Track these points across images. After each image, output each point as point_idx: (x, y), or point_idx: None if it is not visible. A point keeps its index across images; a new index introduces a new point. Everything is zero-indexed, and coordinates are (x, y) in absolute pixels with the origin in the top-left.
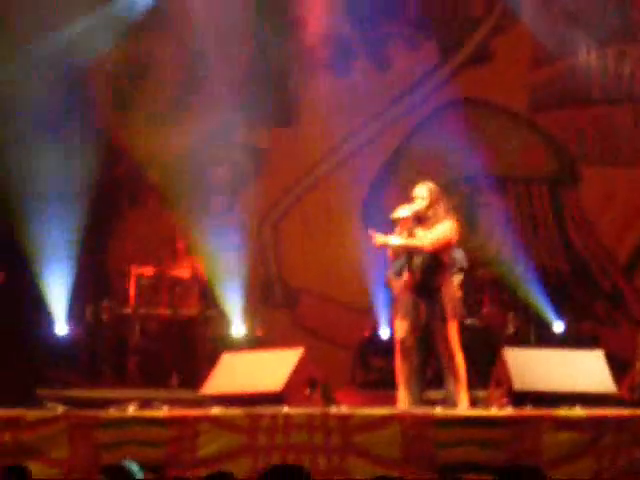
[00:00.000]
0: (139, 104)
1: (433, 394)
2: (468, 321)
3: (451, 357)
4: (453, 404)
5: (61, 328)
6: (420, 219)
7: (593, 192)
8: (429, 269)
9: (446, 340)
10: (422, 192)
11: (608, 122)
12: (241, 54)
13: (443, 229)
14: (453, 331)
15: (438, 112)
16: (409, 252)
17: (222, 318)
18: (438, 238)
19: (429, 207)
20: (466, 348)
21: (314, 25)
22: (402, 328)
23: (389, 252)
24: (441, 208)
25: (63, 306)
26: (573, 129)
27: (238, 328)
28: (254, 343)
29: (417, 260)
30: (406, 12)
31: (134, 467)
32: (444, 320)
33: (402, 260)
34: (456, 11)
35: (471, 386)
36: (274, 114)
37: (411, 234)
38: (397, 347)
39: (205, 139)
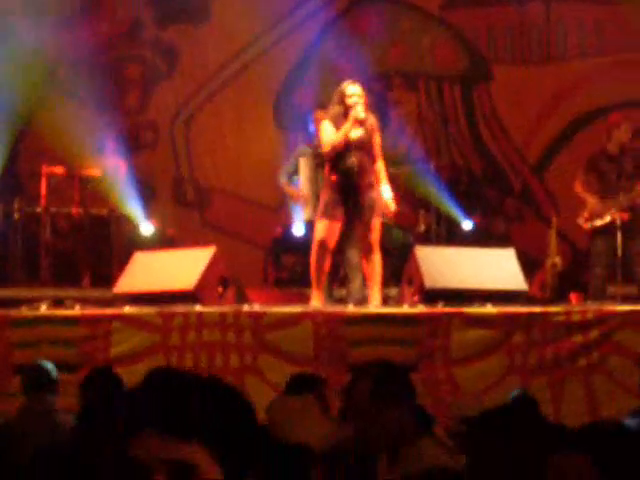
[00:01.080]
0: (49, 2)
1: (344, 292)
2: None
3: (371, 254)
4: (359, 300)
5: None
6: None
7: (504, 90)
8: (364, 169)
9: (369, 238)
10: (359, 92)
11: (519, 20)
12: None
13: (380, 138)
14: (377, 229)
15: (349, 10)
16: (340, 152)
17: (133, 217)
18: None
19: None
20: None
21: None
22: (325, 229)
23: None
24: (370, 112)
25: None
26: (485, 27)
27: (147, 227)
28: (166, 242)
29: (353, 159)
30: None
31: (49, 366)
32: (370, 218)
33: (292, 161)
34: None
35: (383, 284)
36: (184, 12)
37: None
38: (315, 247)
39: (116, 36)
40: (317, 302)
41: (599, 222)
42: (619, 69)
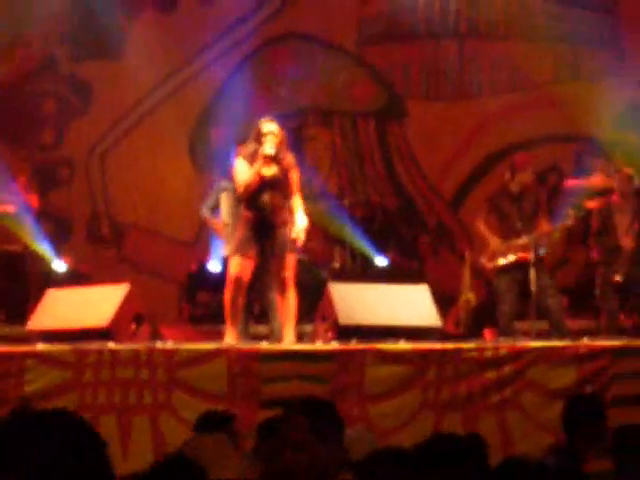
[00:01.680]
0: None
1: (260, 329)
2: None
3: (285, 291)
4: (279, 339)
5: None
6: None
7: (419, 127)
8: (278, 207)
9: (284, 275)
10: (275, 129)
11: (433, 57)
12: None
13: (297, 175)
14: (291, 266)
15: (265, 46)
16: (253, 189)
17: (45, 255)
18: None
19: (279, 146)
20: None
21: None
22: (239, 265)
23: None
24: (287, 149)
25: None
26: (399, 64)
27: (59, 265)
28: (81, 279)
29: (266, 197)
30: None
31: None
32: (284, 255)
33: (214, 196)
34: None
35: (298, 321)
36: (99, 47)
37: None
38: (229, 283)
39: (32, 71)
40: (231, 339)
41: (502, 261)
42: (531, 106)
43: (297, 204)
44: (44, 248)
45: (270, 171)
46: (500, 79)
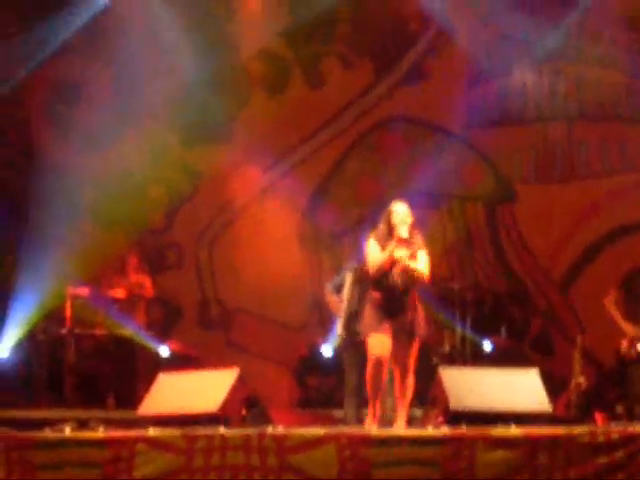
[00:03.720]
0: (75, 125)
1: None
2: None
3: (406, 375)
4: (390, 422)
5: (3, 350)
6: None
7: (528, 210)
8: (408, 289)
9: (408, 358)
10: (407, 211)
11: (542, 140)
12: (176, 72)
13: (427, 259)
14: (415, 350)
15: (373, 130)
16: (384, 270)
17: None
18: (428, 268)
19: (411, 228)
20: None
21: (249, 42)
22: (378, 343)
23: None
24: (418, 232)
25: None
26: (508, 147)
27: (164, 349)
28: (190, 363)
29: (396, 279)
30: (340, 30)
31: None
32: (410, 339)
33: (340, 276)
34: (391, 30)
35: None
36: (209, 132)
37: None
38: (371, 362)
39: (141, 157)
40: (371, 419)
41: None
42: None
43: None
44: (144, 335)
45: (401, 253)
46: (610, 159)
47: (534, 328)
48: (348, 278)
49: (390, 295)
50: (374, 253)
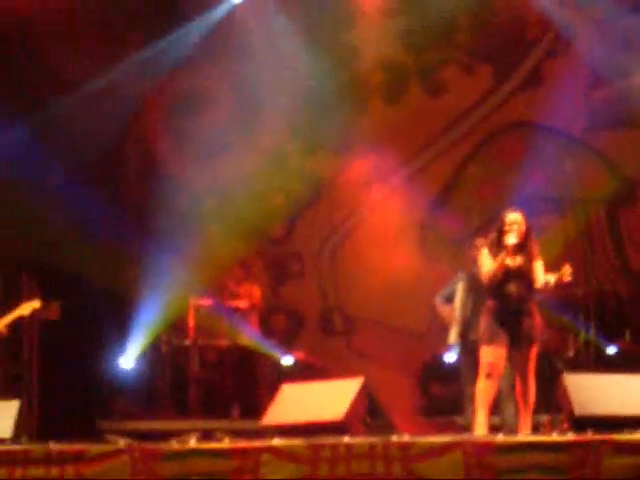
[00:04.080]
0: (195, 136)
1: (495, 419)
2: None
3: (526, 382)
4: (513, 429)
5: (127, 361)
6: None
7: None
8: (523, 297)
9: (527, 364)
10: (519, 219)
11: None
12: (296, 80)
13: (542, 266)
14: (534, 357)
15: (493, 136)
16: (498, 279)
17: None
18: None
19: (524, 236)
20: None
21: (368, 51)
22: (491, 354)
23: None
24: (533, 240)
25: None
26: (630, 149)
27: (287, 359)
28: (311, 372)
29: (512, 287)
30: (460, 37)
31: None
32: (529, 346)
33: (451, 286)
34: (510, 36)
35: (533, 411)
36: (329, 140)
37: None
38: (482, 373)
39: (261, 166)
40: (481, 429)
41: None
42: None
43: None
44: (268, 344)
45: (515, 261)
46: None
47: None
48: (460, 286)
49: (505, 303)
50: (486, 261)
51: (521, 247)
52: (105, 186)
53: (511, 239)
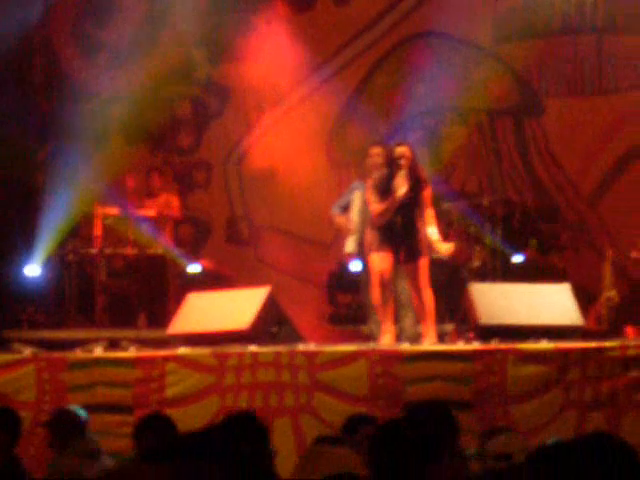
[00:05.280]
0: (103, 43)
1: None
2: (434, 255)
3: (420, 293)
4: (413, 338)
5: (32, 269)
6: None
7: (557, 123)
8: (409, 222)
9: (418, 276)
10: (407, 152)
11: (571, 53)
12: None
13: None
14: (425, 267)
15: (400, 45)
16: (389, 192)
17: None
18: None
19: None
20: (433, 283)
21: None
22: (380, 261)
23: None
24: (420, 170)
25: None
26: (536, 60)
27: (194, 267)
28: (219, 281)
29: (397, 218)
30: None
31: (79, 410)
32: (417, 257)
33: (347, 196)
34: None
35: (438, 321)
36: (235, 49)
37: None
38: (374, 281)
39: (168, 74)
40: (388, 338)
41: None
42: None
43: (430, 216)
44: (176, 251)
45: (402, 192)
46: (639, 74)
47: (564, 241)
48: (357, 196)
49: (390, 230)
50: (375, 202)
51: (409, 181)
52: (12, 92)
53: (400, 191)
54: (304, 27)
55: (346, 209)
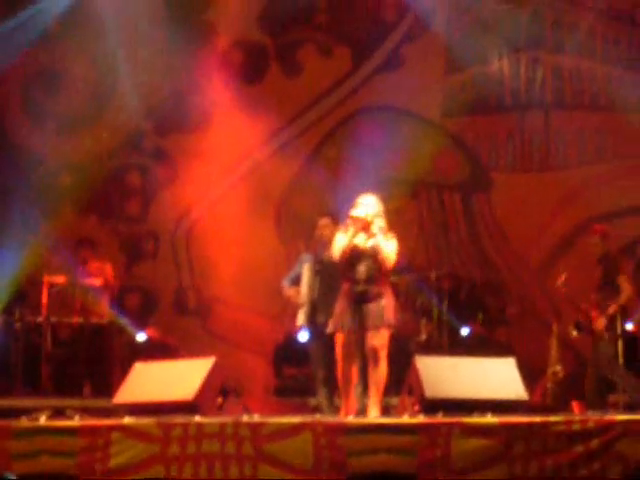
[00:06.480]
0: (52, 111)
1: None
2: None
3: (377, 363)
4: (363, 411)
5: None
6: (364, 227)
7: (505, 198)
8: (373, 278)
9: (377, 346)
10: (370, 200)
11: (519, 128)
12: (152, 59)
13: (394, 246)
14: (384, 338)
15: (351, 118)
16: (351, 261)
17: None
18: (394, 255)
19: (374, 217)
20: None
21: (226, 30)
22: (345, 341)
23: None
24: (384, 222)
25: None
26: (485, 135)
27: (141, 336)
28: (165, 351)
29: (361, 268)
30: (317, 17)
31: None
32: (378, 326)
33: (296, 269)
34: (367, 17)
35: (384, 394)
36: (185, 120)
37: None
38: (340, 361)
39: (117, 145)
40: (345, 413)
41: None
42: (618, 177)
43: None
44: (125, 320)
45: (366, 243)
46: (587, 150)
47: (510, 316)
48: (306, 268)
49: (355, 284)
50: (338, 241)
51: (372, 228)
52: None
53: (355, 212)
54: (254, 98)
55: (296, 282)
